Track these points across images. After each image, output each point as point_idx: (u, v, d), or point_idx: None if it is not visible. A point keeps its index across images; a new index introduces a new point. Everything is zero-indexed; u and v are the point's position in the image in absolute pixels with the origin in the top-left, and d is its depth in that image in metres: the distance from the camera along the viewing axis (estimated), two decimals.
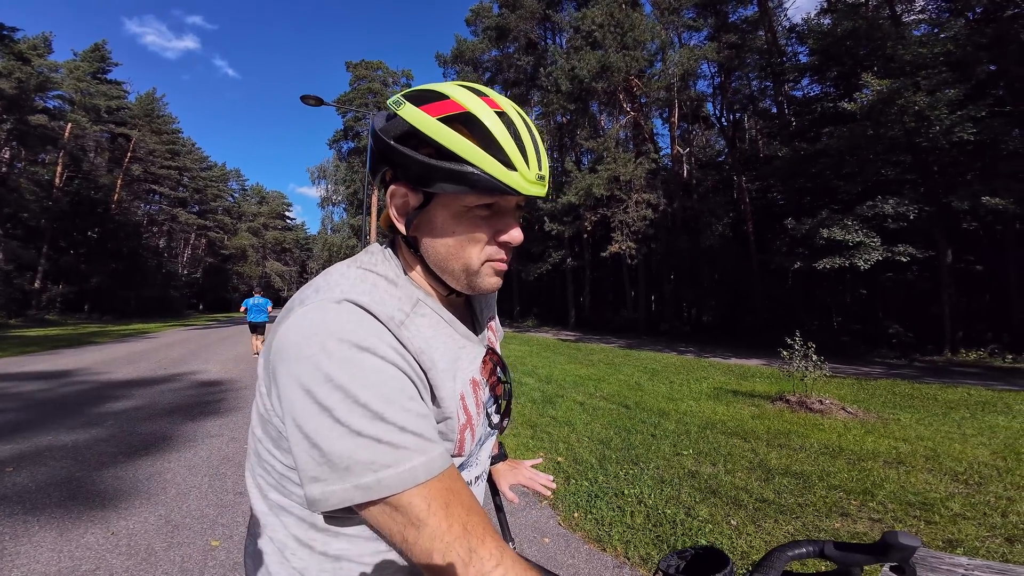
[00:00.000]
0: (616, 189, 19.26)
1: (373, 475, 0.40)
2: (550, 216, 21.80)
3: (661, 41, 19.98)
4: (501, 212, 0.51)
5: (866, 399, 6.24)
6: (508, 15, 26.75)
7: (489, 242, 0.52)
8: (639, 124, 21.92)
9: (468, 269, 0.52)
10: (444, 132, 0.46)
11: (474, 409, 0.55)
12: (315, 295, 0.47)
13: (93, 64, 31.10)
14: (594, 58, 19.04)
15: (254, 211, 64.17)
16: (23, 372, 6.75)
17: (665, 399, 5.86)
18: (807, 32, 16.21)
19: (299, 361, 0.42)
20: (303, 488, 0.42)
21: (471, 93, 0.49)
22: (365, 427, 0.40)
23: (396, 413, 0.42)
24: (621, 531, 2.31)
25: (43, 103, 25.05)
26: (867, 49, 13.91)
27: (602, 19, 19.16)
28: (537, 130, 0.53)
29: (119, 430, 3.93)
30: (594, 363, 9.76)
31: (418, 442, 0.42)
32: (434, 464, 0.42)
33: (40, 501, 2.49)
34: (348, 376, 0.41)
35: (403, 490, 0.40)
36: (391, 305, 0.48)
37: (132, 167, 36.17)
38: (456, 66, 31.15)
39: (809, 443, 3.89)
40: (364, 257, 0.56)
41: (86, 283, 27.50)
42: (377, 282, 0.51)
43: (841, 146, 13.62)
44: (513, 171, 0.47)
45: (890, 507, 2.64)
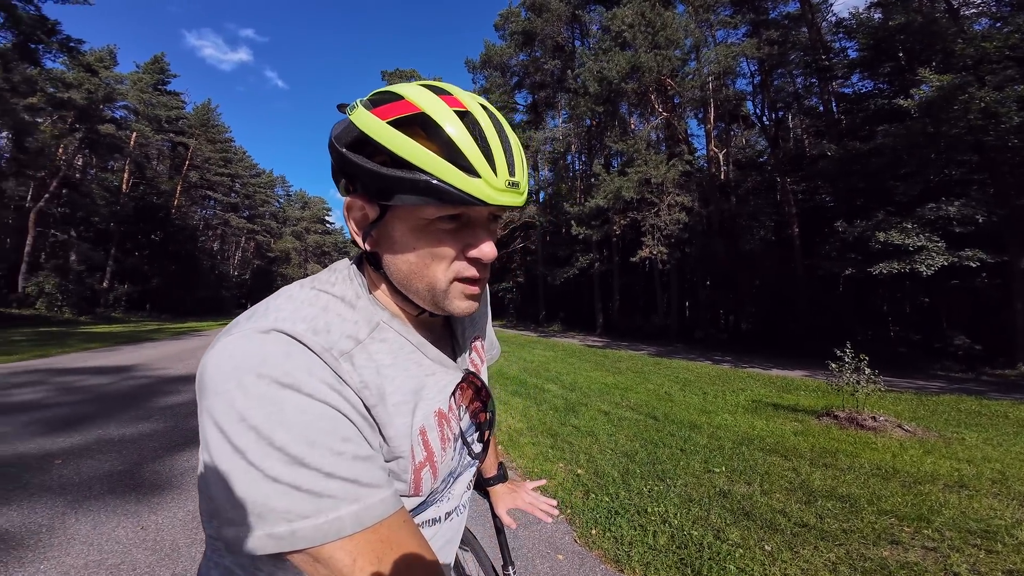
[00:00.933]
0: (647, 192, 18.79)
1: (288, 525, 0.36)
2: (577, 220, 21.56)
3: (695, 39, 19.37)
4: (470, 224, 0.46)
5: (926, 416, 5.70)
6: (535, 19, 26.87)
7: (457, 258, 0.46)
8: (672, 125, 21.30)
9: (433, 289, 0.47)
10: (394, 137, 0.42)
11: (437, 444, 0.49)
12: (246, 321, 0.43)
13: (153, 76, 33.80)
14: (624, 59, 18.72)
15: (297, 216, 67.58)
16: (86, 367, 7.31)
17: (697, 411, 5.57)
18: (856, 27, 15.31)
19: (215, 396, 0.38)
20: (219, 528, 0.38)
21: (429, 92, 0.44)
22: (281, 473, 0.36)
23: (321, 457, 0.37)
24: (642, 552, 2.17)
25: (110, 113, 27.39)
26: (923, 44, 12.98)
27: (632, 19, 18.83)
28: (512, 132, 0.46)
29: (165, 425, 4.14)
30: (621, 371, 9.47)
31: (348, 489, 0.37)
32: (368, 513, 0.38)
33: (81, 494, 2.62)
34: (263, 416, 0.37)
35: (323, 543, 0.36)
36: (338, 331, 0.44)
37: (190, 174, 39.01)
38: (485, 71, 31.58)
39: (859, 463, 3.57)
40: (324, 275, 0.51)
41: (148, 283, 29.77)
42: (330, 304, 0.46)
43: (897, 144, 12.69)
44: (476, 178, 0.41)
45: (947, 535, 2.38)
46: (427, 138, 0.42)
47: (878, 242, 12.43)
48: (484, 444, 0.60)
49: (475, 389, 0.57)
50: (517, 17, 29.06)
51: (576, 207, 22.66)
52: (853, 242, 13.52)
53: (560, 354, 12.50)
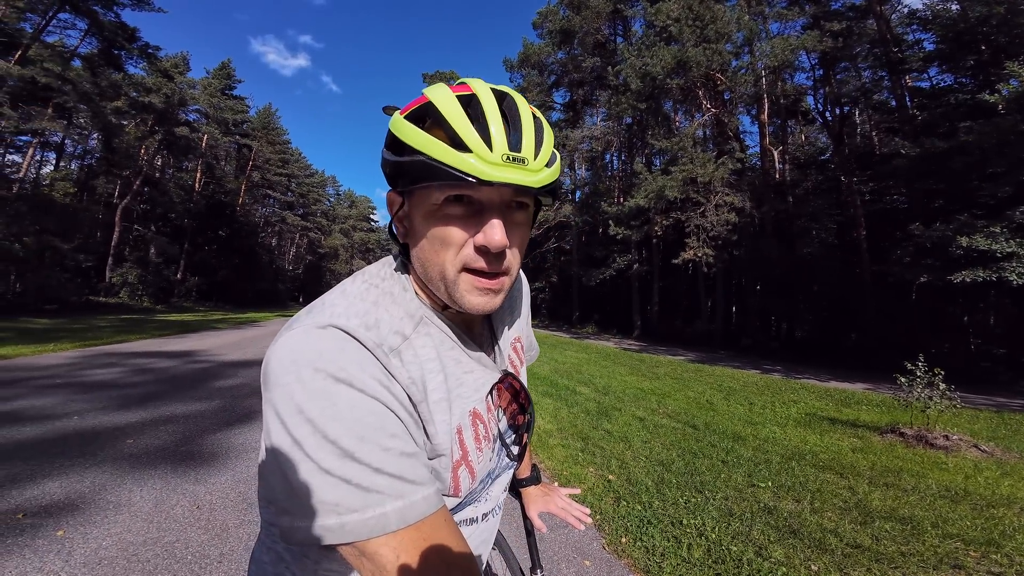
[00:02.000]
0: (692, 191, 18.01)
1: (337, 518, 0.37)
2: (615, 220, 21.03)
3: (748, 32, 18.30)
4: (480, 210, 0.45)
5: (1007, 436, 5.08)
6: (573, 17, 26.49)
7: (466, 245, 0.45)
8: (721, 121, 20.28)
9: (444, 277, 0.46)
10: (404, 127, 0.44)
11: (472, 444, 0.49)
12: (306, 316, 0.45)
13: (221, 81, 36.67)
14: (669, 54, 18.03)
15: (345, 214, 70.95)
16: (158, 351, 8.09)
17: (742, 422, 5.27)
18: (931, 19, 13.93)
19: (276, 388, 0.40)
20: (275, 515, 0.40)
21: (443, 85, 0.46)
22: (333, 466, 0.38)
23: (370, 452, 0.38)
24: (674, 564, 2.08)
25: (184, 116, 30.01)
26: (1008, 36, 11.60)
27: (679, 12, 18.08)
28: (530, 109, 0.45)
29: (220, 404, 4.50)
30: (659, 376, 9.14)
31: (394, 485, 0.38)
32: (411, 510, 0.38)
33: (147, 472, 2.84)
34: (319, 409, 0.38)
35: (369, 538, 0.37)
36: (387, 327, 0.45)
37: (252, 174, 42.00)
38: (523, 70, 31.53)
39: (925, 484, 3.26)
40: (375, 268, 0.53)
41: (215, 276, 32.41)
42: (380, 299, 0.48)
43: (984, 143, 11.39)
44: (466, 152, 0.41)
45: (1017, 560, 2.16)
46: (434, 126, 0.43)
47: (960, 247, 11.19)
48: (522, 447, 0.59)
49: (513, 391, 0.57)
50: (556, 15, 28.79)
51: (614, 207, 22.15)
52: (931, 247, 12.28)
53: (594, 356, 12.28)
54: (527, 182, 0.42)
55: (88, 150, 25.01)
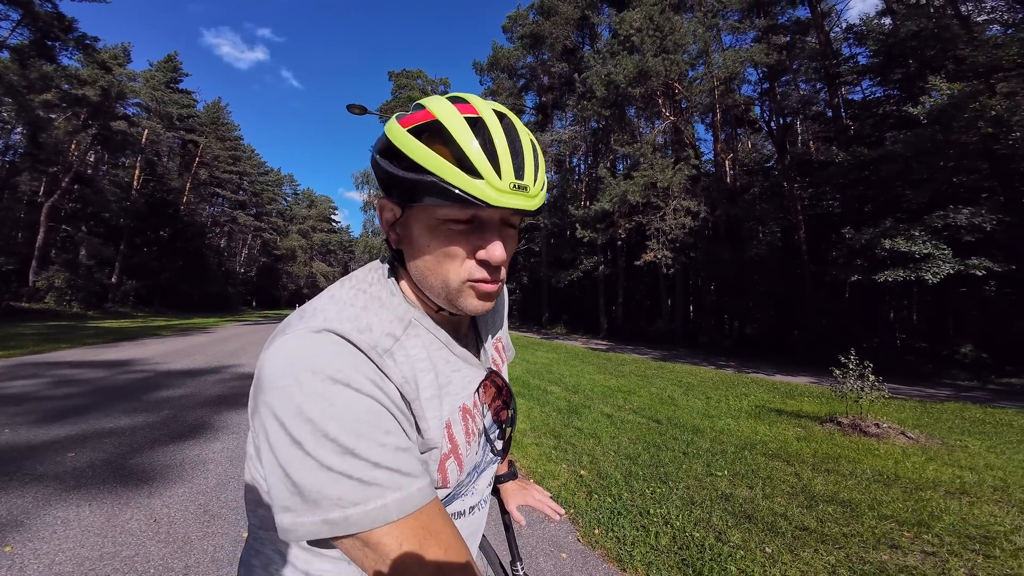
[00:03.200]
0: (653, 196, 18.77)
1: (341, 511, 0.39)
2: (582, 223, 21.57)
3: (703, 44, 19.34)
4: (481, 227, 0.48)
5: (930, 423, 5.67)
6: (543, 22, 26.91)
7: (468, 258, 0.48)
8: (679, 129, 21.28)
9: (447, 287, 0.49)
10: (410, 143, 0.46)
11: (461, 438, 0.53)
12: (298, 322, 0.46)
13: (166, 74, 34.25)
14: (631, 63, 18.72)
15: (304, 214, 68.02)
16: (93, 360, 7.43)
17: (700, 415, 5.59)
18: (866, 33, 15.24)
19: (273, 391, 0.42)
20: (275, 515, 0.41)
21: (447, 101, 0.48)
22: (334, 462, 0.39)
23: (369, 448, 0.40)
24: (644, 552, 2.20)
25: (123, 110, 27.76)
26: (935, 50, 12.90)
27: (641, 23, 18.83)
28: (530, 138, 0.49)
29: (171, 417, 4.23)
30: (625, 374, 9.48)
31: (392, 478, 0.41)
32: (409, 501, 0.41)
33: (94, 485, 2.68)
34: (319, 410, 0.40)
35: (372, 528, 0.39)
36: (378, 331, 0.47)
37: (199, 171, 39.40)
38: (492, 73, 31.62)
39: (861, 469, 3.59)
40: (361, 273, 0.55)
41: (155, 279, 30.08)
42: (368, 304, 0.50)
43: (907, 152, 12.63)
44: (478, 179, 0.44)
45: (947, 540, 2.41)
46: (440, 143, 0.45)
47: (884, 249, 12.36)
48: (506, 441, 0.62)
49: (497, 388, 0.60)
50: (525, 19, 29.12)
51: (581, 210, 22.68)
52: (860, 249, 13.44)
53: (563, 356, 12.52)
54: (528, 207, 0.47)
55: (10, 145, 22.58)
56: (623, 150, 20.96)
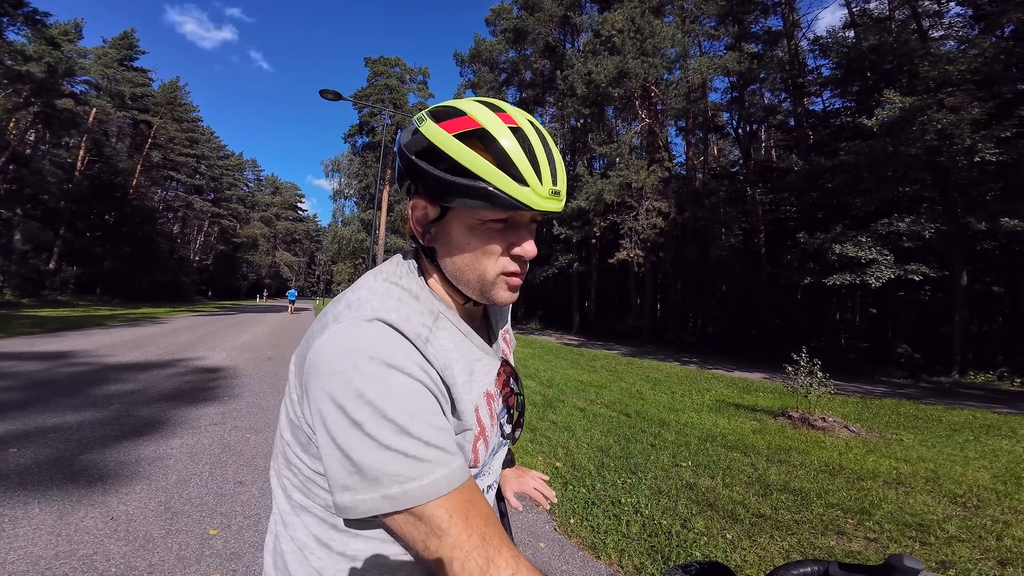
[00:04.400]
0: (627, 196, 19.21)
1: (400, 487, 0.42)
2: (559, 220, 21.79)
3: (681, 48, 19.88)
4: (515, 226, 0.52)
5: (870, 418, 6.16)
6: (527, 17, 26.83)
7: (503, 254, 0.53)
8: (654, 131, 21.85)
9: (483, 280, 0.53)
10: (459, 148, 0.48)
11: (488, 421, 0.56)
12: (347, 311, 0.49)
13: (121, 51, 31.85)
14: (612, 63, 19.00)
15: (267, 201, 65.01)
16: (30, 352, 6.87)
17: (666, 409, 5.83)
18: (831, 45, 16.03)
19: (332, 376, 0.44)
20: (332, 495, 0.44)
21: (488, 109, 0.50)
22: (393, 441, 0.42)
23: (421, 428, 0.43)
24: (616, 539, 2.30)
25: (70, 88, 25.59)
26: (892, 65, 13.74)
27: (622, 24, 19.12)
28: (555, 145, 0.53)
29: (123, 412, 3.99)
30: (596, 369, 9.73)
31: (440, 455, 0.44)
32: (455, 476, 0.44)
33: (42, 483, 2.53)
34: (377, 392, 0.43)
35: (427, 501, 0.42)
36: (416, 321, 0.50)
37: (152, 153, 36.86)
38: (473, 65, 31.29)
39: (809, 460, 3.86)
40: (389, 268, 0.57)
41: (99, 266, 28.00)
42: (402, 297, 0.52)
43: (859, 162, 13.48)
44: (525, 187, 0.48)
45: (886, 527, 2.63)
46: (485, 150, 0.48)
47: (834, 254, 13.18)
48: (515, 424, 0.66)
49: (507, 375, 0.64)
50: (509, 14, 28.89)
51: None
52: (813, 253, 14.29)
53: (538, 351, 12.68)
54: (559, 209, 0.52)
55: None
56: (600, 149, 21.30)
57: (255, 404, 4.64)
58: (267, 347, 9.27)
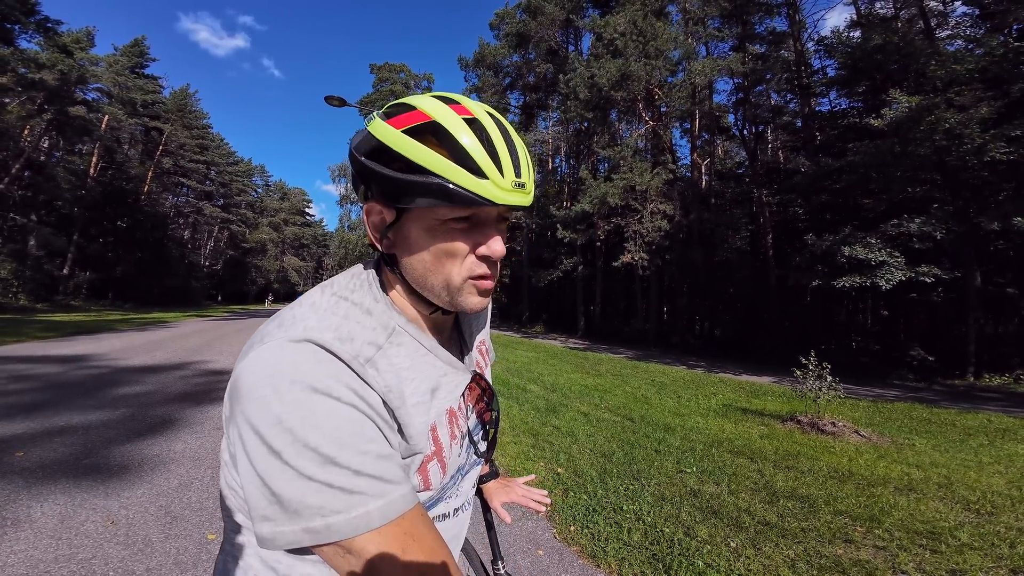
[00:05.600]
0: (631, 199, 19.17)
1: (322, 520, 0.39)
2: (563, 223, 21.79)
3: (685, 50, 19.83)
4: (480, 224, 0.49)
5: (881, 423, 6.04)
6: (530, 21, 26.98)
7: (469, 255, 0.49)
8: (658, 134, 21.78)
9: (449, 286, 0.49)
10: (408, 144, 0.45)
11: (446, 440, 0.53)
12: (278, 331, 0.46)
13: (132, 59, 32.47)
14: (614, 66, 19.01)
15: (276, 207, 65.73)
16: (44, 355, 6.98)
17: (672, 414, 5.76)
18: (836, 45, 15.88)
19: (251, 401, 0.41)
20: (253, 524, 0.41)
21: (439, 102, 0.47)
22: (315, 472, 0.39)
23: (350, 457, 0.40)
24: (617, 548, 2.26)
25: (82, 95, 26.13)
26: (898, 64, 13.58)
27: (624, 27, 19.14)
28: (518, 136, 0.50)
29: (128, 416, 4.03)
30: (601, 373, 9.66)
31: (374, 485, 0.40)
32: (392, 508, 0.41)
33: (46, 486, 2.56)
34: (298, 419, 0.40)
35: (355, 535, 0.39)
36: (360, 340, 0.46)
37: (163, 160, 37.46)
38: (478, 70, 31.49)
39: (818, 466, 3.79)
40: (343, 280, 0.54)
41: (112, 271, 28.43)
42: (350, 312, 0.49)
43: (867, 162, 13.31)
44: (484, 180, 0.44)
45: (896, 535, 2.56)
46: (439, 144, 0.45)
47: (843, 256, 13.01)
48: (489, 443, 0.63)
49: (481, 389, 0.60)
50: (513, 18, 29.07)
51: (562, 211, 22.91)
52: (821, 255, 14.11)
53: (542, 355, 12.63)
54: (526, 203, 0.48)
55: None
56: (604, 152, 21.28)
57: None
58: None
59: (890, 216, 13.14)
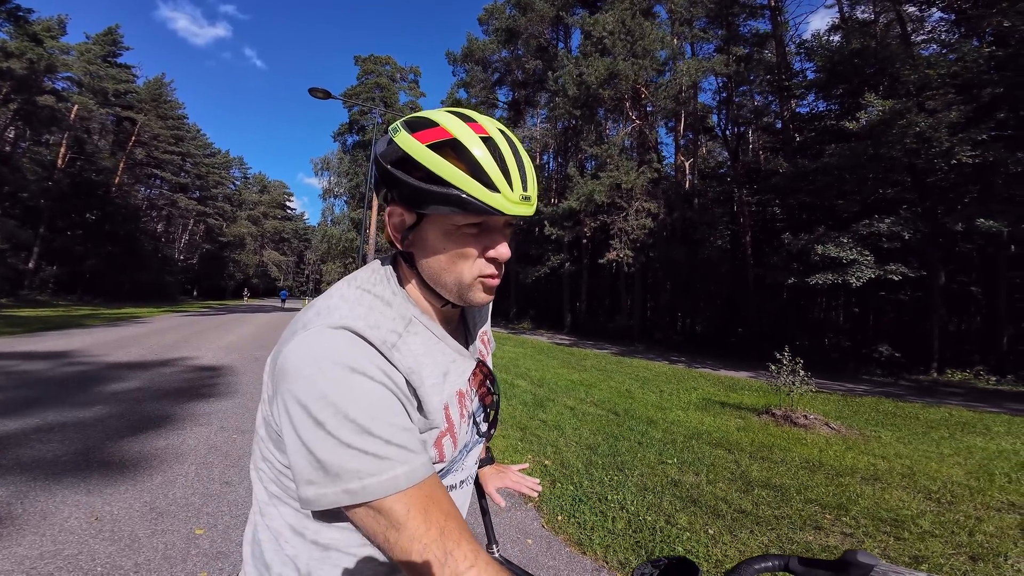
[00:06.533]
0: (617, 197, 19.37)
1: (359, 482, 0.45)
2: (550, 220, 21.88)
3: (672, 50, 20.07)
4: (489, 230, 0.55)
5: (850, 416, 6.32)
6: (519, 17, 26.85)
7: (479, 258, 0.55)
8: (644, 133, 22.04)
9: (460, 283, 0.56)
10: (432, 158, 0.50)
11: (457, 418, 0.59)
12: (316, 318, 0.51)
13: (104, 47, 31.14)
14: (602, 65, 19.13)
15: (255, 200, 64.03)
16: (19, 351, 6.75)
17: (654, 407, 5.91)
18: (816, 49, 16.29)
19: (298, 380, 0.47)
20: (297, 489, 0.47)
21: (459, 120, 0.53)
22: (353, 440, 0.45)
23: (382, 428, 0.46)
24: (602, 536, 2.35)
25: (52, 84, 24.98)
26: (875, 68, 14.03)
27: (613, 26, 19.26)
28: (525, 152, 0.56)
29: (106, 415, 3.94)
30: (587, 368, 9.81)
31: (401, 453, 0.46)
32: (415, 473, 0.47)
33: (23, 484, 2.51)
34: (340, 394, 0.46)
35: (385, 496, 0.45)
36: (385, 328, 0.52)
37: (135, 151, 36.05)
38: (466, 64, 31.20)
39: (791, 457, 3.96)
40: (364, 274, 0.60)
41: (80, 265, 27.33)
42: (373, 304, 0.55)
43: (842, 164, 13.75)
44: (496, 193, 0.50)
45: (862, 522, 2.70)
46: (457, 159, 0.50)
47: (816, 254, 13.45)
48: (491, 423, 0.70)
49: (483, 375, 0.67)
50: (502, 13, 28.85)
51: (550, 207, 22.99)
52: (797, 254, 14.57)
53: (529, 351, 12.72)
54: (530, 214, 0.54)
55: None
56: (591, 150, 21.42)
57: (241, 405, 4.60)
58: (254, 347, 9.17)
59: (862, 216, 13.62)
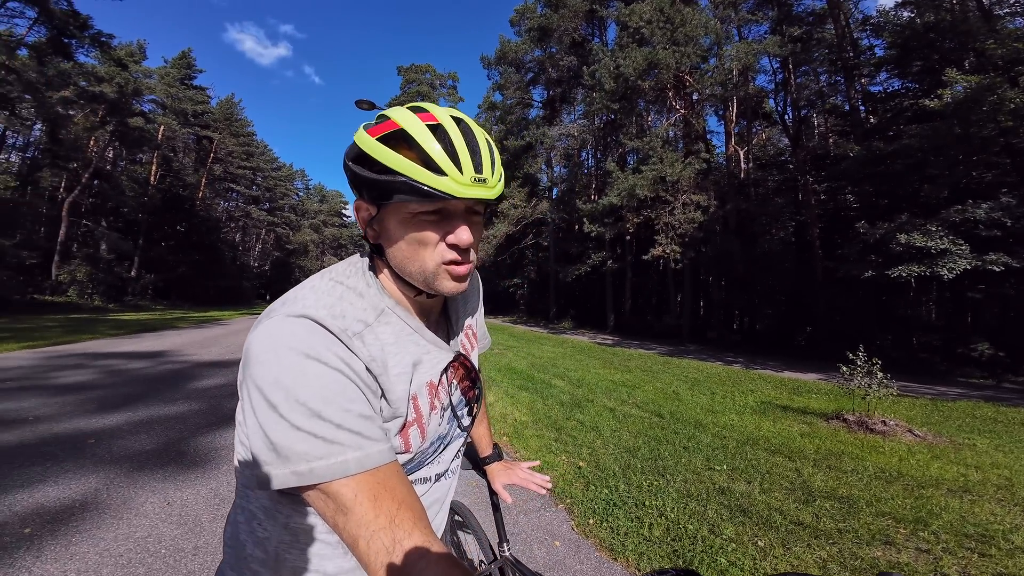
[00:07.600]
0: (662, 190, 18.57)
1: (307, 464, 0.46)
2: (590, 217, 21.41)
3: (716, 35, 18.94)
4: (449, 216, 0.55)
5: (939, 421, 5.60)
6: (551, 15, 26.58)
7: (440, 244, 0.55)
8: (689, 122, 20.95)
9: (424, 271, 0.56)
10: (380, 149, 0.52)
11: (426, 410, 0.60)
12: (280, 308, 0.54)
13: (180, 70, 34.82)
14: (641, 55, 18.42)
15: (315, 209, 68.71)
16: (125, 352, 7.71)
17: (704, 411, 5.59)
18: (884, 24, 14.79)
19: (257, 365, 0.49)
20: (254, 468, 0.49)
21: (409, 112, 0.54)
22: (303, 423, 0.46)
23: (333, 412, 0.47)
24: (636, 542, 2.25)
25: (139, 107, 28.33)
26: (954, 43, 12.51)
27: (651, 15, 18.50)
28: (484, 136, 0.56)
29: (189, 410, 4.38)
30: (630, 369, 9.48)
31: (353, 439, 0.48)
32: (368, 460, 0.48)
33: (114, 473, 2.80)
34: (292, 379, 0.47)
35: (332, 479, 0.46)
36: (350, 317, 0.54)
37: (214, 167, 40.04)
38: (500, 67, 31.42)
39: (863, 466, 3.58)
40: (340, 267, 0.62)
41: (172, 273, 30.77)
42: (344, 294, 0.57)
43: (924, 146, 12.30)
44: (443, 176, 0.51)
45: (943, 537, 2.40)
46: (407, 148, 0.52)
47: (899, 244, 12.10)
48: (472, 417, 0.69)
49: (465, 369, 0.67)
50: (533, 13, 28.77)
51: (589, 204, 22.55)
52: (874, 244, 13.18)
53: (569, 351, 12.55)
54: (488, 196, 0.54)
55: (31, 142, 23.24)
56: (632, 144, 20.71)
57: None
58: None
59: (952, 202, 12.08)
